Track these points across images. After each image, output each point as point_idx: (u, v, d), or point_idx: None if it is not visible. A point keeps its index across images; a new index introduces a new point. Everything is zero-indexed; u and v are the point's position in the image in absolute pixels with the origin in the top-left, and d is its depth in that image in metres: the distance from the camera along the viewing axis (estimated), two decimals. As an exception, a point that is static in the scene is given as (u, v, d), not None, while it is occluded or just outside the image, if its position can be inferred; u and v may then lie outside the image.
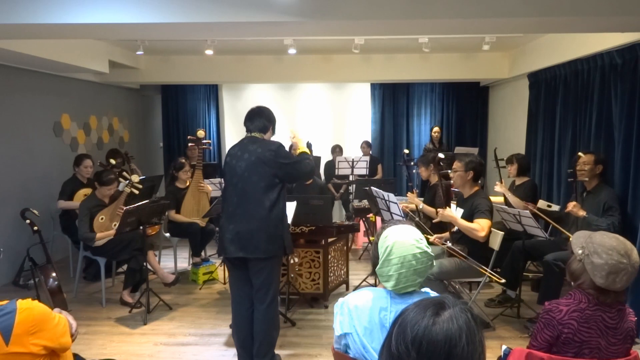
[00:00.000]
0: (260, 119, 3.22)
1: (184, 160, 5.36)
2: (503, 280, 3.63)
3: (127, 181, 4.62)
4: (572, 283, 1.98)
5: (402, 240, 1.74)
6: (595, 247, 1.89)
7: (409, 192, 4.82)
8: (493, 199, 4.27)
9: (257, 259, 3.10)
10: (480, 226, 3.58)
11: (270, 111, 3.31)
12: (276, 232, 3.14)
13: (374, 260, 1.82)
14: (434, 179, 4.96)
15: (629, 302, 3.81)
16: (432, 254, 1.78)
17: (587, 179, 4.01)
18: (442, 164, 4.32)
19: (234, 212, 3.12)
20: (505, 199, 4.76)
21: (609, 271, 1.85)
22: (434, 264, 3.61)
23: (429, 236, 3.86)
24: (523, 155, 5.12)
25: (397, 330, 1.14)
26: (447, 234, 4.03)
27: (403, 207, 4.29)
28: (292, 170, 3.15)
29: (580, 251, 1.93)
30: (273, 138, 3.30)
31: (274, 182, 3.09)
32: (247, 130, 3.25)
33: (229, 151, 3.26)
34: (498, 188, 4.76)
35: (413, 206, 4.79)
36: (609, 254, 1.86)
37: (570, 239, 2.04)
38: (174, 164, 5.42)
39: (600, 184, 4.04)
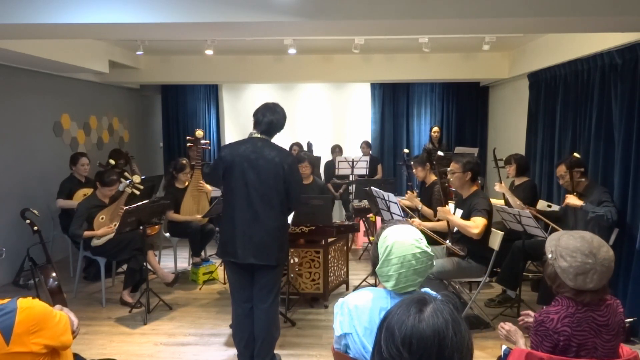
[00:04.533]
0: (276, 120, 3.14)
1: (185, 162, 5.34)
2: (462, 254, 3.66)
3: (129, 181, 4.62)
4: (552, 286, 1.98)
5: (401, 240, 1.74)
6: (560, 250, 1.90)
7: (408, 191, 4.83)
8: (494, 201, 4.27)
9: (267, 266, 3.10)
10: (474, 224, 3.59)
11: (285, 115, 3.21)
12: (284, 240, 3.19)
13: (374, 260, 1.82)
14: (430, 180, 4.97)
15: (628, 301, 3.81)
16: (432, 253, 1.78)
17: (579, 179, 4.03)
18: (436, 163, 4.31)
19: (245, 216, 3.05)
20: (506, 199, 4.76)
21: (575, 273, 1.85)
22: (434, 263, 3.63)
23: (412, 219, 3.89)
24: (521, 155, 5.12)
25: (384, 334, 1.15)
26: (433, 223, 4.05)
27: (400, 202, 4.30)
28: (293, 192, 3.13)
29: (550, 255, 1.94)
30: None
31: (283, 190, 3.09)
32: (257, 124, 3.15)
33: (234, 148, 3.12)
34: (498, 188, 4.77)
35: (410, 204, 4.79)
36: (572, 256, 1.86)
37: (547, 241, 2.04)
38: (174, 165, 5.40)
39: (590, 185, 4.06)
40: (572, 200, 3.92)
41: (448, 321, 1.13)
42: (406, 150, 7.04)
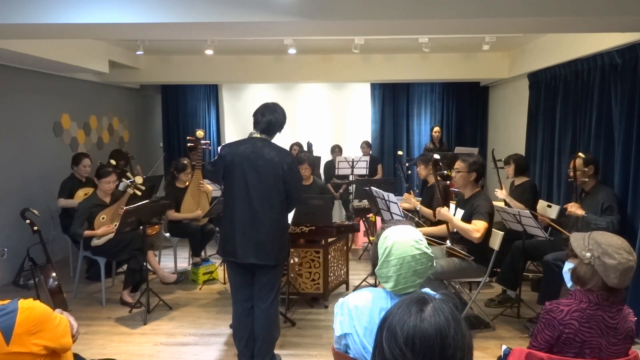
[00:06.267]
0: (275, 119, 3.13)
1: (186, 162, 5.34)
2: (472, 257, 3.62)
3: (130, 181, 4.62)
4: (579, 288, 1.95)
5: (401, 241, 1.74)
6: (604, 248, 1.87)
7: (405, 194, 4.82)
8: (495, 203, 4.26)
9: (267, 266, 3.11)
10: (475, 227, 3.58)
11: (285, 115, 3.22)
12: (285, 240, 3.19)
13: (374, 261, 1.82)
14: (432, 179, 4.96)
15: (628, 301, 3.81)
16: (432, 254, 1.78)
17: (586, 179, 4.02)
18: (440, 164, 4.31)
19: (245, 216, 3.05)
20: (507, 204, 4.74)
21: (622, 270, 1.85)
22: (434, 264, 3.63)
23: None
24: (520, 155, 5.11)
25: (386, 335, 1.15)
26: (433, 230, 4.04)
27: (400, 205, 4.29)
28: (292, 191, 3.13)
29: (588, 254, 1.90)
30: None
31: (283, 190, 3.10)
32: (256, 124, 3.15)
33: (234, 148, 3.11)
34: (499, 194, 4.75)
35: (409, 205, 4.79)
36: (619, 253, 1.85)
37: (570, 242, 2.01)
38: (175, 164, 5.40)
39: (598, 184, 4.05)
40: (574, 208, 3.89)
41: (449, 320, 1.13)
42: (400, 153, 7.02)
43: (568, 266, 2.01)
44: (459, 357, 1.12)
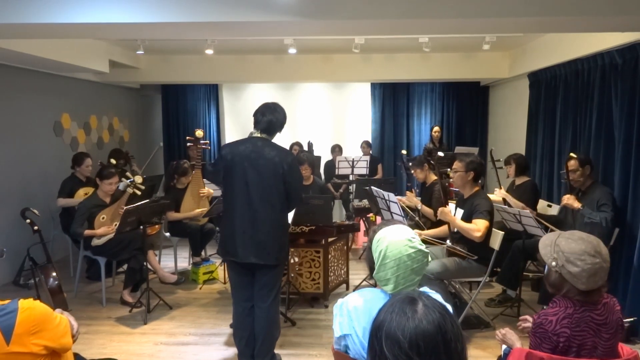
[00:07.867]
0: (275, 119, 3.14)
1: (187, 165, 5.32)
2: (475, 257, 3.61)
3: (130, 181, 4.62)
4: (557, 293, 1.95)
5: (395, 242, 1.73)
6: (567, 255, 1.86)
7: (407, 192, 4.83)
8: (492, 197, 4.27)
9: (268, 265, 3.11)
10: (477, 227, 3.58)
11: (285, 115, 3.22)
12: (285, 240, 3.20)
13: (370, 265, 1.81)
14: (430, 179, 4.96)
15: (628, 301, 3.81)
16: (426, 250, 1.77)
17: (581, 179, 4.03)
18: (434, 163, 4.31)
19: (245, 216, 3.05)
20: (507, 203, 4.74)
21: (588, 275, 1.83)
22: (434, 262, 3.63)
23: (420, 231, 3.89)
24: (520, 154, 5.10)
25: (387, 343, 1.14)
26: (435, 231, 4.04)
27: (400, 201, 4.29)
28: (292, 191, 3.13)
29: (553, 263, 1.90)
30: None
31: (283, 190, 3.10)
32: (257, 123, 3.15)
33: (234, 147, 3.12)
34: (498, 193, 4.74)
35: (410, 203, 4.80)
36: (582, 259, 1.83)
37: (539, 248, 2.00)
38: (176, 168, 5.37)
39: (594, 184, 4.06)
40: (570, 200, 3.91)
41: (443, 314, 1.14)
42: (404, 152, 7.03)
43: (547, 270, 2.01)
44: (460, 348, 1.13)
